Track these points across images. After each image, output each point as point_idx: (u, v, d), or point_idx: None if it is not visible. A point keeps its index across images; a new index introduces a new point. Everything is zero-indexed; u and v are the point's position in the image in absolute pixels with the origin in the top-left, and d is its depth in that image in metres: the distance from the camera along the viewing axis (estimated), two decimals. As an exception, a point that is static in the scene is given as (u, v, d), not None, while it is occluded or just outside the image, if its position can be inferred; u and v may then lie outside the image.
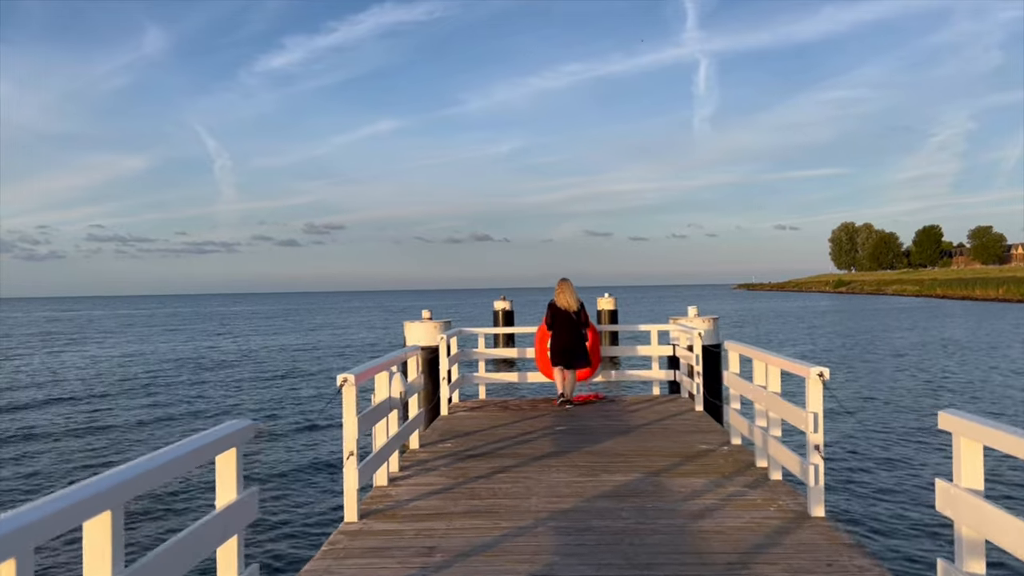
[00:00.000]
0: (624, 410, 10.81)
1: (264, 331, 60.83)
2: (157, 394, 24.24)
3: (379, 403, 6.82)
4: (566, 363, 11.46)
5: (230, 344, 46.57)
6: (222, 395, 23.76)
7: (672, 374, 12.18)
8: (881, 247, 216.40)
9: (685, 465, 7.51)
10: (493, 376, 12.45)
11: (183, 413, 20.42)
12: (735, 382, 8.04)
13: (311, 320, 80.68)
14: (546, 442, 8.69)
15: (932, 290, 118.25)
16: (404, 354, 7.93)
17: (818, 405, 5.78)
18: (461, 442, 8.83)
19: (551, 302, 11.71)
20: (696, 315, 12.95)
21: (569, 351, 11.42)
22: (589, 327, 11.76)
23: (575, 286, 11.80)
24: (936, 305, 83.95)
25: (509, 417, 10.40)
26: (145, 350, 42.99)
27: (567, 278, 11.73)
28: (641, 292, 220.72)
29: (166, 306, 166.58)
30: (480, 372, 12.30)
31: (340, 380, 5.84)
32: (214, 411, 20.59)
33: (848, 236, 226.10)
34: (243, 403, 21.93)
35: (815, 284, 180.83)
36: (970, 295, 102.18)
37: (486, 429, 9.57)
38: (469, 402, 11.91)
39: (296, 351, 40.27)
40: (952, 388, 22.08)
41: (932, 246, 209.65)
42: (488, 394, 12.67)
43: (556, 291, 11.70)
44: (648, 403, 11.37)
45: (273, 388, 25.04)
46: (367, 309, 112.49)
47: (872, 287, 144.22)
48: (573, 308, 11.48)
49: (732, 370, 8.31)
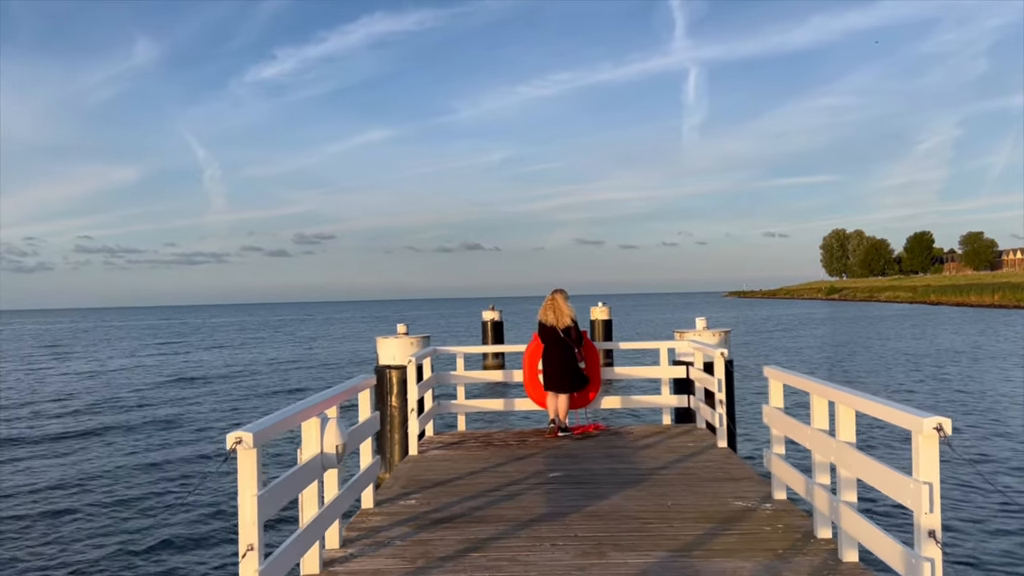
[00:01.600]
0: (631, 446, 8.95)
1: (249, 344, 58.72)
2: (122, 414, 22.25)
3: (308, 461, 4.95)
4: (558, 387, 9.65)
5: (211, 358, 44.51)
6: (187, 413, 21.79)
7: (685, 399, 10.31)
8: (872, 254, 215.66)
9: (721, 535, 5.65)
10: (475, 404, 10.56)
11: (141, 438, 18.47)
12: (782, 422, 6.20)
13: (299, 331, 78.46)
14: (537, 498, 6.81)
15: (926, 296, 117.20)
16: (350, 388, 6.05)
17: (933, 472, 3.94)
18: (429, 497, 6.95)
19: (540, 319, 9.89)
20: (705, 327, 11.13)
21: (561, 373, 9.60)
22: (584, 345, 9.94)
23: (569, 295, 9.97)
24: (933, 312, 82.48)
25: (492, 457, 8.52)
26: (125, 364, 40.90)
27: (561, 289, 9.91)
28: (633, 300, 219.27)
29: (153, 317, 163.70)
30: (459, 399, 10.42)
31: (232, 441, 3.96)
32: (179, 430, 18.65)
33: (839, 243, 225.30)
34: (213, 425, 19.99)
35: (807, 291, 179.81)
36: (965, 301, 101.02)
37: (462, 476, 7.67)
38: (446, 435, 10.03)
39: (274, 365, 38.26)
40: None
41: (923, 252, 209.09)
42: (469, 424, 10.76)
43: (544, 305, 9.87)
44: (659, 436, 9.51)
45: (244, 404, 23.09)
46: (358, 320, 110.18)
47: (865, 294, 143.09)
48: (563, 324, 9.66)
49: (774, 404, 6.48)
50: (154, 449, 17.25)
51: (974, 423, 17.24)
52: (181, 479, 14.19)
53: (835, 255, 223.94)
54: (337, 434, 5.13)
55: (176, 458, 16.10)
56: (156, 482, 13.98)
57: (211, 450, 16.73)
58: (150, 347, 56.63)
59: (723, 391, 8.74)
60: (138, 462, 15.74)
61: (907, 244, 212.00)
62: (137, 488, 13.51)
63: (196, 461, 15.73)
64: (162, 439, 18.50)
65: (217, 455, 15.71)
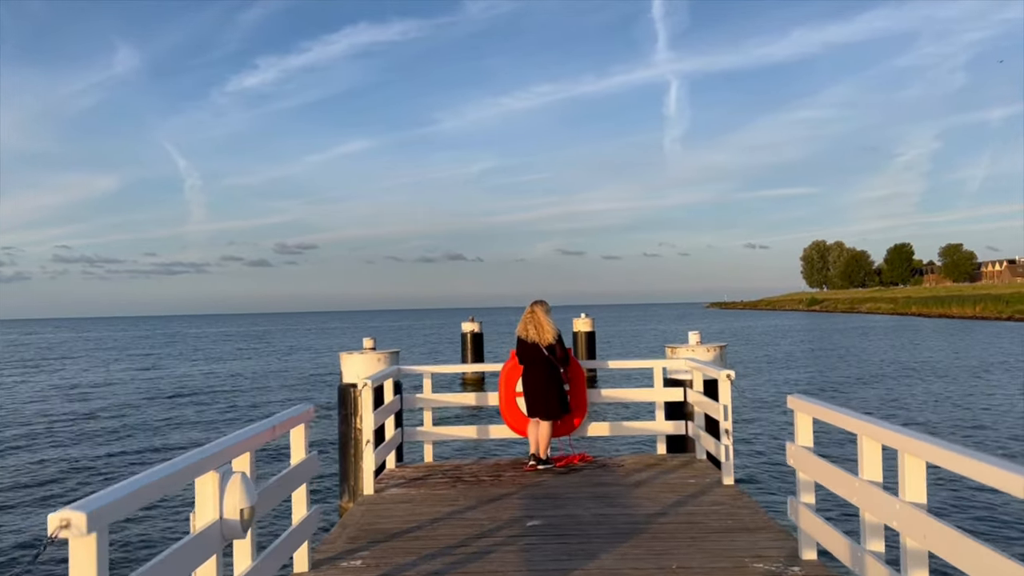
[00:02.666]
0: (623, 483, 7.72)
1: (219, 356, 57.02)
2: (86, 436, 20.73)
3: (202, 530, 3.68)
4: (541, 413, 8.43)
5: (167, 373, 42.87)
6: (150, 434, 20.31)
7: (682, 426, 9.09)
8: (853, 265, 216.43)
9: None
10: (443, 432, 9.29)
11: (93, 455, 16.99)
12: (816, 467, 4.99)
13: (278, 343, 76.65)
14: (512, 557, 5.54)
15: (907, 308, 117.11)
16: (276, 426, 4.79)
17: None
18: (379, 556, 5.67)
19: (518, 335, 8.67)
20: (699, 342, 9.96)
21: (544, 397, 8.39)
22: (570, 364, 8.73)
23: (551, 307, 8.75)
24: (917, 324, 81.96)
25: (460, 498, 7.26)
26: (95, 379, 39.21)
27: (541, 300, 8.71)
28: (615, 311, 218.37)
29: (134, 328, 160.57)
30: (425, 426, 9.14)
31: (55, 525, 2.69)
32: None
33: (820, 254, 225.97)
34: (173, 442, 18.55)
35: (788, 302, 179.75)
36: (947, 313, 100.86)
37: (423, 525, 6.40)
38: (410, 468, 8.76)
39: (236, 381, 36.74)
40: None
41: (903, 264, 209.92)
42: (438, 454, 9.49)
43: (523, 319, 8.66)
44: (654, 470, 8.28)
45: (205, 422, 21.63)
46: (340, 331, 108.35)
47: (845, 305, 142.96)
48: (546, 340, 8.44)
49: (802, 443, 5.28)
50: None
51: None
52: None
53: (816, 266, 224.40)
54: (242, 494, 3.86)
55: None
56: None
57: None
58: (105, 361, 54.78)
59: (729, 419, 7.54)
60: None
61: (887, 256, 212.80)
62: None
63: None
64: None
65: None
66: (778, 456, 14.80)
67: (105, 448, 18.50)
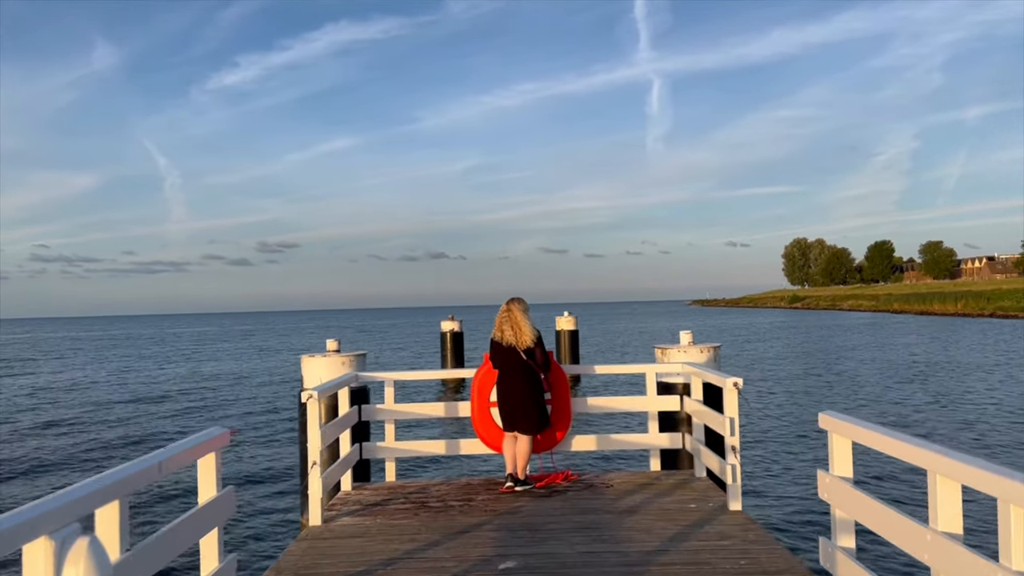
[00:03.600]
0: (613, 508, 6.65)
1: (203, 357, 55.52)
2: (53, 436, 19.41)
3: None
4: (520, 426, 7.36)
5: (124, 376, 41.44)
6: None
7: (678, 438, 8.03)
8: (834, 262, 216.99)
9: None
10: (408, 447, 8.17)
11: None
12: (861, 506, 3.94)
13: (257, 343, 75.06)
14: (478, 617, 4.47)
15: (888, 305, 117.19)
16: (156, 464, 3.67)
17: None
18: (315, 614, 4.57)
19: (493, 338, 7.59)
20: (691, 342, 8.91)
21: (523, 409, 7.31)
22: (551, 370, 7.66)
23: (530, 305, 7.67)
24: (899, 320, 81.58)
25: (422, 530, 6.16)
26: (58, 380, 37.72)
27: (518, 298, 7.63)
28: (598, 309, 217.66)
29: (111, 328, 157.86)
30: (387, 440, 8.02)
31: None
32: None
33: (801, 252, 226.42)
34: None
35: (770, 300, 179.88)
36: (928, 310, 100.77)
37: (373, 571, 5.30)
38: (369, 489, 7.64)
39: (195, 383, 35.41)
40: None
41: (884, 261, 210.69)
42: (405, 471, 8.38)
43: (497, 319, 7.58)
44: (647, 491, 7.21)
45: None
46: (321, 330, 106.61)
47: (827, 302, 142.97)
48: (524, 343, 7.37)
49: (839, 472, 4.24)
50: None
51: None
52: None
53: (797, 264, 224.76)
54: (89, 566, 2.75)
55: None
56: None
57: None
58: (67, 362, 53.18)
59: (736, 434, 6.48)
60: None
61: (868, 253, 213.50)
62: None
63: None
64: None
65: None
66: (785, 474, 13.71)
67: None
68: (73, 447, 18.59)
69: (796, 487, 12.75)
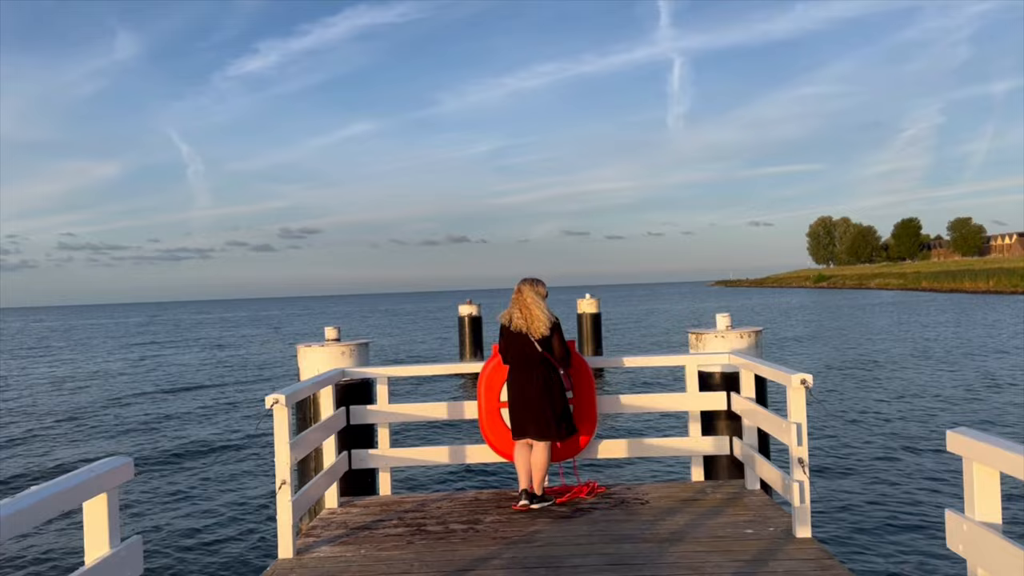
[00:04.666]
0: (652, 533, 5.40)
1: (226, 343, 54.82)
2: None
3: None
4: (534, 432, 6.13)
5: (168, 360, 40.68)
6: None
7: (724, 444, 6.75)
8: (859, 241, 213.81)
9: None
10: (404, 456, 6.96)
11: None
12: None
13: (284, 327, 74.33)
14: None
15: (917, 283, 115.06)
16: (39, 502, 2.50)
17: None
18: None
19: (501, 323, 6.36)
20: (728, 326, 7.62)
21: (537, 411, 6.08)
22: (572, 363, 6.43)
23: (550, 288, 6.43)
24: (930, 299, 79.45)
25: (416, 567, 4.94)
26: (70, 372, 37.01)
27: (532, 278, 6.37)
28: (619, 291, 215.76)
29: (135, 315, 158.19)
30: (381, 447, 6.81)
31: None
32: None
33: (826, 230, 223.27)
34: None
35: (795, 279, 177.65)
36: (959, 288, 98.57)
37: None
38: (357, 507, 6.45)
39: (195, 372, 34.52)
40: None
41: (911, 239, 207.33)
42: (400, 484, 7.19)
43: (512, 301, 6.35)
44: (692, 510, 5.96)
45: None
46: (343, 315, 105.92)
47: (854, 281, 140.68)
48: (539, 331, 6.13)
49: (983, 517, 2.99)
50: None
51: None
52: None
53: (822, 243, 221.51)
54: None
55: None
56: None
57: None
58: (165, 345, 52.64)
59: (805, 444, 5.20)
60: None
61: (894, 231, 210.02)
62: None
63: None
64: None
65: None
66: (844, 479, 11.68)
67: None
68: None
69: (858, 497, 10.86)
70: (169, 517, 11.05)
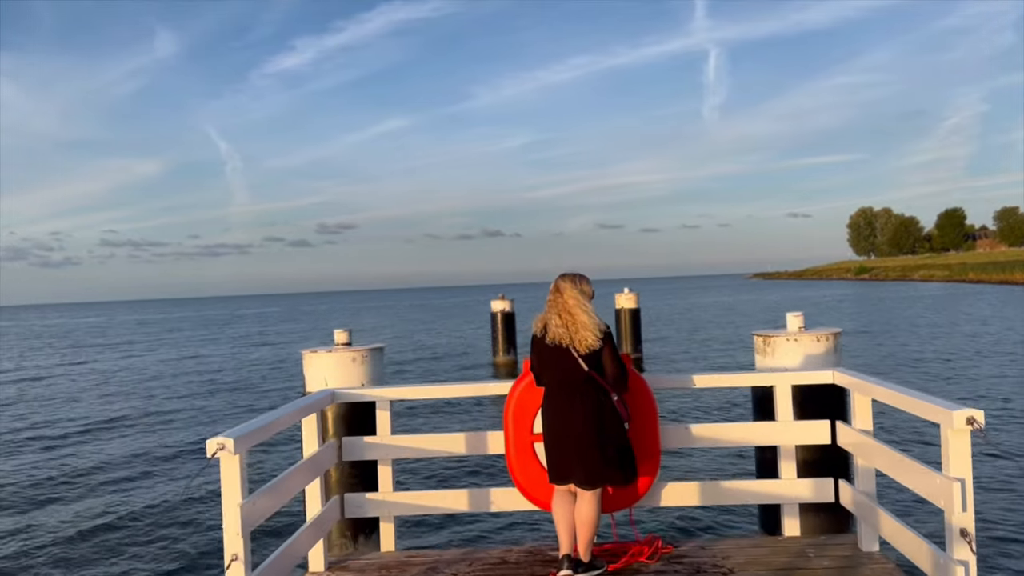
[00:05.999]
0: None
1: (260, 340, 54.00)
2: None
3: None
4: (578, 477, 4.62)
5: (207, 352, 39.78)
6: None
7: (828, 488, 5.17)
8: (901, 232, 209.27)
9: None
10: (414, 501, 5.48)
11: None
12: None
13: (321, 323, 73.50)
14: None
15: (963, 275, 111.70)
16: None
17: None
18: None
19: (534, 333, 4.85)
20: (801, 327, 6.11)
21: (576, 446, 4.57)
22: (630, 386, 4.89)
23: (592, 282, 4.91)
24: (980, 291, 76.32)
25: None
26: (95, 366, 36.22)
27: (573, 274, 4.84)
28: (655, 285, 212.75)
29: (180, 310, 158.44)
30: (381, 491, 5.34)
31: None
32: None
33: (867, 221, 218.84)
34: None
35: (835, 272, 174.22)
36: (1010, 279, 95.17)
37: None
38: (351, 568, 4.99)
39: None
40: None
41: (955, 229, 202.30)
42: (406, 535, 5.72)
43: (548, 303, 4.83)
44: (792, 582, 4.41)
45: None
46: (382, 308, 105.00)
47: (897, 273, 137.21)
48: (585, 344, 4.62)
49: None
50: None
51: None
52: None
53: (863, 234, 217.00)
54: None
55: None
56: None
57: None
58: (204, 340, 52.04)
59: (970, 509, 3.63)
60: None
61: (938, 221, 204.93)
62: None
63: None
64: None
65: None
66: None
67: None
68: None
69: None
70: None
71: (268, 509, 4.18)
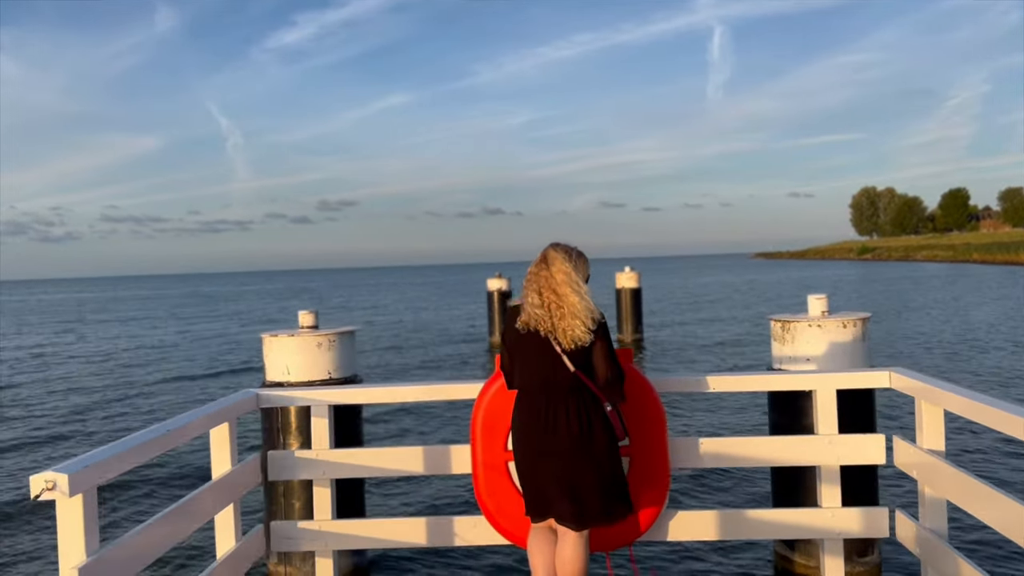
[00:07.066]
0: None
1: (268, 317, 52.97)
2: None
3: None
4: (554, 509, 3.52)
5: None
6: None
7: (881, 521, 4.09)
8: (904, 212, 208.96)
9: None
10: (357, 532, 4.40)
11: None
12: None
13: (325, 300, 72.29)
14: None
15: (967, 255, 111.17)
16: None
17: None
18: None
19: (509, 311, 3.73)
20: (825, 311, 5.21)
21: (561, 472, 3.47)
22: (629, 389, 3.78)
23: (589, 261, 3.75)
24: (986, 272, 75.20)
25: None
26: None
27: (568, 247, 3.68)
28: (657, 264, 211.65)
29: (178, 287, 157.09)
30: (319, 518, 4.26)
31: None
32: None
33: (869, 201, 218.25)
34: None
35: (838, 251, 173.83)
36: (1014, 259, 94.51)
37: None
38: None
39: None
40: None
41: (959, 210, 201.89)
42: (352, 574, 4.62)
43: (528, 277, 3.70)
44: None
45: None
46: (384, 287, 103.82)
47: (900, 253, 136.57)
48: (571, 337, 3.50)
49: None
50: None
51: None
52: None
53: (865, 214, 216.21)
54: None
55: None
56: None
57: None
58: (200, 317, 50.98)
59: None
60: None
61: (941, 201, 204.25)
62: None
63: None
64: None
65: None
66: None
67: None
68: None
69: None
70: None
71: (137, 561, 3.09)
